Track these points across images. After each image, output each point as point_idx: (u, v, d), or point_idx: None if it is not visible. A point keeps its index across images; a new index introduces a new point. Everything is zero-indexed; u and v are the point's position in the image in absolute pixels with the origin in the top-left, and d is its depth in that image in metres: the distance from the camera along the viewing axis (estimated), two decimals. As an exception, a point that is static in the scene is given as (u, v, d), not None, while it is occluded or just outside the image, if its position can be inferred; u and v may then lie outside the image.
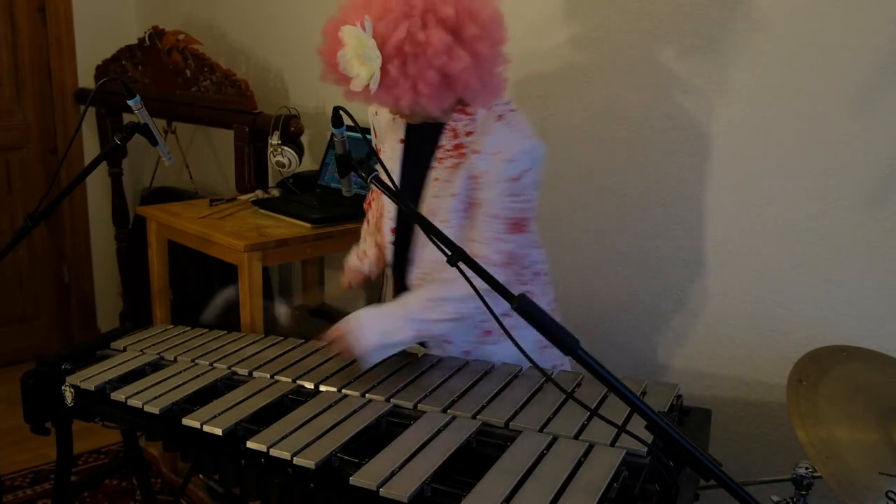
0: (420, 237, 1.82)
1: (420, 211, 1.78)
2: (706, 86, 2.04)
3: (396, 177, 1.85)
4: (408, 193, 1.83)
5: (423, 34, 1.57)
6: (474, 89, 1.66)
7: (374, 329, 1.70)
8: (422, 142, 1.83)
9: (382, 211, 1.93)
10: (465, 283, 1.51)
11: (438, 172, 1.77)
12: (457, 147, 1.75)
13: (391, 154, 1.88)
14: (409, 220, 1.84)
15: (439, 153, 1.78)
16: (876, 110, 1.77)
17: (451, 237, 1.72)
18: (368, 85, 1.61)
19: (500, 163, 1.67)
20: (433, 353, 1.94)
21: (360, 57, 1.59)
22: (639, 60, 2.16)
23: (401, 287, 1.92)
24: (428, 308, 1.71)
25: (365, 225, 2.11)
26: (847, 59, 1.80)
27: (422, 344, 1.94)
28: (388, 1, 1.58)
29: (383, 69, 1.59)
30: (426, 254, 1.80)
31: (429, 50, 1.57)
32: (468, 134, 1.74)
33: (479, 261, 1.59)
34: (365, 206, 2.13)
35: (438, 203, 1.77)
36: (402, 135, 1.86)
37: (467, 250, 1.62)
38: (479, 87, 1.67)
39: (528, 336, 1.84)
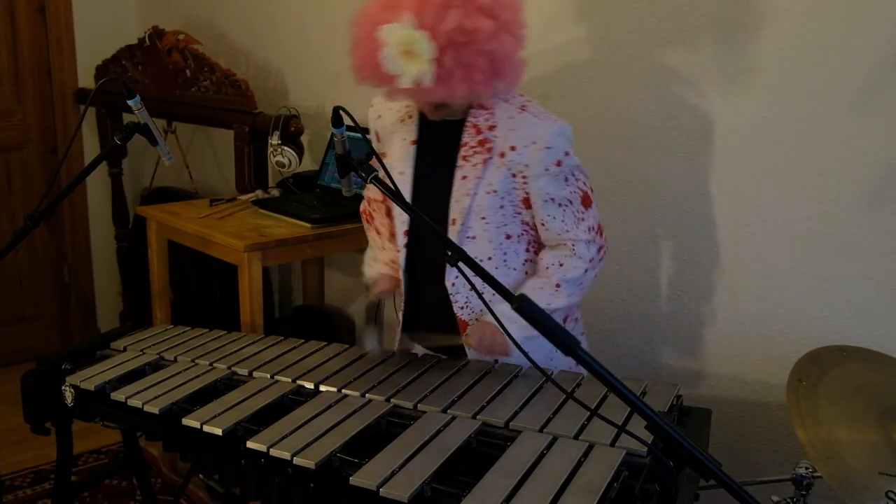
0: (465, 231, 1.79)
1: (452, 210, 1.78)
2: (706, 86, 2.04)
3: (409, 178, 1.83)
4: (425, 193, 1.82)
5: (470, 21, 1.57)
6: (513, 73, 1.68)
7: (514, 326, 1.69)
8: (438, 142, 1.81)
9: (394, 214, 1.91)
10: (577, 264, 1.77)
11: (466, 170, 1.76)
12: (482, 143, 1.75)
13: (401, 156, 1.85)
14: (426, 214, 1.81)
15: (463, 151, 1.77)
16: (876, 110, 1.77)
17: (492, 233, 1.77)
18: (418, 81, 1.59)
19: (538, 153, 1.71)
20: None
21: (408, 53, 1.57)
22: (639, 60, 2.16)
23: (420, 288, 1.90)
24: (555, 295, 1.77)
25: (375, 234, 2.07)
26: (847, 59, 1.80)
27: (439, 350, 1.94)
28: None
29: (438, 61, 1.57)
30: (477, 245, 1.79)
31: (479, 36, 1.58)
32: (491, 128, 1.75)
33: (578, 244, 1.75)
34: (362, 214, 2.10)
35: (474, 200, 1.76)
36: (413, 136, 1.84)
37: (560, 242, 1.77)
38: (515, 71, 1.69)
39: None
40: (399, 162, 1.84)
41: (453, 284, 1.83)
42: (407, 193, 1.82)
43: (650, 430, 1.18)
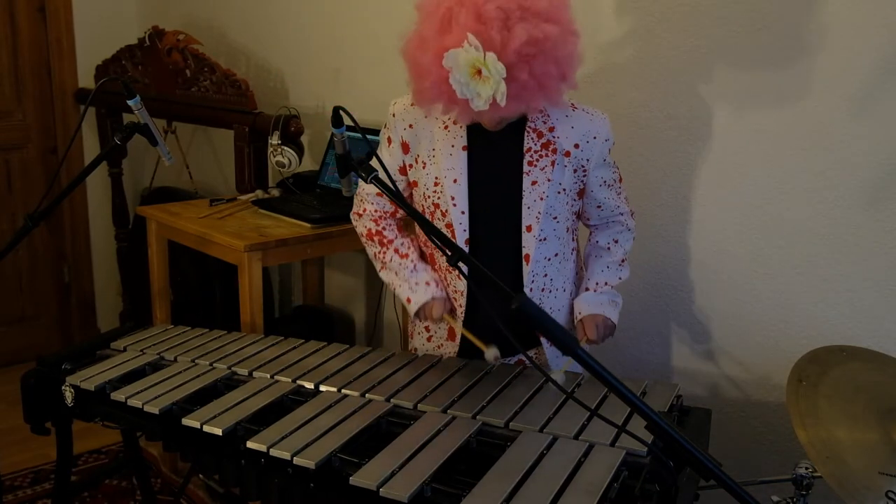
0: (539, 235, 1.79)
1: (526, 217, 1.78)
2: (706, 85, 2.04)
3: (464, 185, 1.79)
4: (492, 201, 1.80)
5: (538, 31, 1.54)
6: (574, 72, 1.66)
7: (610, 307, 1.89)
8: (493, 147, 1.79)
9: (446, 211, 1.82)
10: (628, 237, 1.95)
11: (534, 175, 1.77)
12: (545, 146, 1.77)
13: (453, 164, 1.79)
14: (487, 224, 1.81)
15: (528, 157, 1.77)
16: (876, 110, 1.77)
17: (560, 231, 1.83)
18: (493, 100, 1.56)
19: (600, 145, 1.81)
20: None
21: (478, 75, 1.55)
22: (639, 60, 2.16)
23: (474, 303, 1.86)
24: (622, 268, 1.94)
25: (398, 258, 1.91)
26: (847, 59, 1.80)
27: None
28: (477, 13, 1.54)
29: (511, 77, 1.55)
30: (534, 255, 1.80)
31: (548, 45, 1.56)
32: (551, 130, 1.78)
33: (626, 216, 1.93)
34: (380, 244, 1.94)
35: (548, 204, 1.78)
36: (464, 142, 1.79)
37: (613, 219, 1.93)
38: (575, 69, 1.67)
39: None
40: (451, 170, 1.79)
41: (531, 290, 1.83)
42: (464, 201, 1.79)
43: (650, 430, 1.18)
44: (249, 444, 1.53)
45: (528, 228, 1.79)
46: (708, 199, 2.09)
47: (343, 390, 1.74)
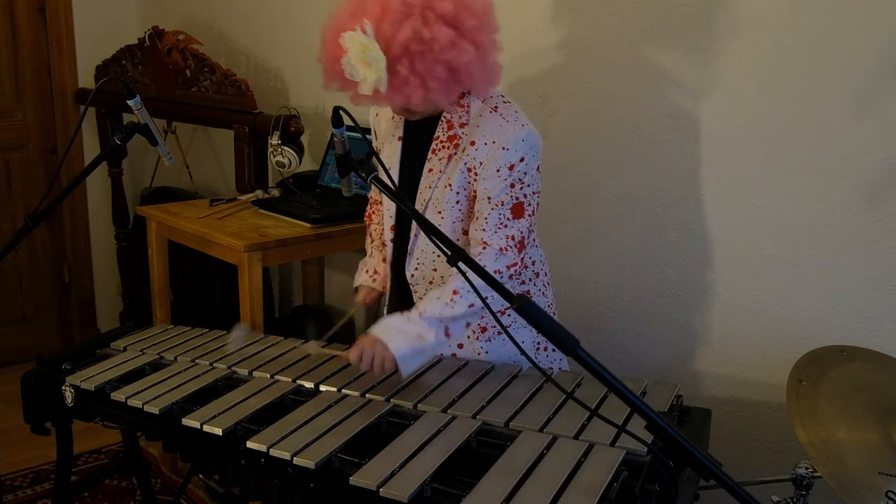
0: (418, 229, 1.83)
1: (416, 202, 1.81)
2: (706, 85, 2.04)
3: (395, 174, 1.86)
4: (406, 188, 1.84)
5: (427, 31, 1.58)
6: (478, 79, 1.68)
7: (399, 337, 1.66)
8: (419, 136, 1.84)
9: (383, 211, 1.93)
10: (474, 274, 1.54)
11: (433, 163, 1.79)
12: (451, 138, 1.77)
13: (390, 153, 1.89)
14: (407, 215, 1.84)
15: (434, 144, 1.79)
16: (876, 110, 1.77)
17: (447, 228, 1.77)
18: (376, 88, 1.60)
19: (495, 151, 1.70)
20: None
21: (366, 61, 1.59)
22: (639, 60, 2.16)
23: (399, 283, 1.92)
24: (446, 306, 1.68)
25: (369, 240, 2.11)
26: (847, 59, 1.80)
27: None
28: (385, 3, 1.59)
29: (392, 69, 1.59)
30: (421, 244, 1.83)
31: (435, 46, 1.58)
32: (462, 126, 1.76)
33: (488, 250, 1.68)
34: (366, 219, 2.13)
35: (433, 193, 1.79)
36: (400, 132, 1.88)
37: (475, 241, 1.71)
38: (481, 77, 1.69)
39: (526, 335, 1.85)
40: (388, 158, 1.88)
41: (412, 276, 1.86)
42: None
43: (650, 430, 1.18)
44: (249, 444, 1.53)
45: None
46: (708, 199, 2.09)
47: (343, 390, 1.74)
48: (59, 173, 3.83)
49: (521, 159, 1.70)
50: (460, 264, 1.34)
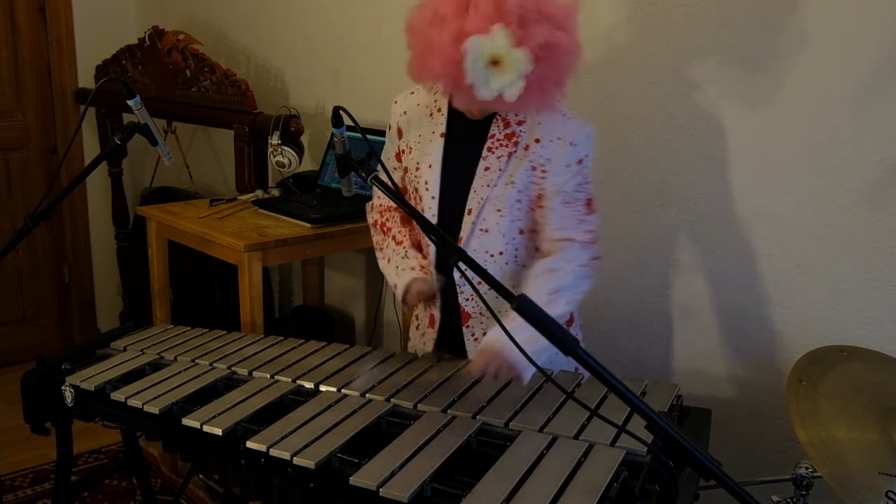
0: (479, 223, 1.78)
1: (470, 201, 1.77)
2: (706, 85, 2.04)
3: (437, 171, 1.81)
4: (452, 186, 1.81)
5: (554, 37, 1.56)
6: (568, 82, 1.67)
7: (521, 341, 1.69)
8: (466, 134, 1.81)
9: (422, 196, 1.85)
10: (572, 269, 1.69)
11: (489, 161, 1.77)
12: (509, 136, 1.76)
13: (431, 150, 1.83)
14: (452, 210, 1.80)
15: (489, 143, 1.77)
16: (876, 110, 1.77)
17: (505, 227, 1.77)
18: (501, 93, 1.57)
19: (563, 147, 1.73)
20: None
21: (496, 65, 1.55)
22: (639, 60, 2.16)
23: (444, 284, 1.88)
24: (550, 303, 1.67)
25: (395, 245, 1.94)
26: (847, 59, 1.80)
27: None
28: (498, 6, 1.54)
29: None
30: (473, 244, 1.79)
31: (559, 51, 1.57)
32: (519, 123, 1.76)
33: (573, 246, 1.72)
34: (378, 227, 2.00)
35: (493, 192, 1.76)
36: (442, 129, 1.83)
37: (554, 239, 1.73)
38: (569, 80, 1.68)
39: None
40: (429, 155, 1.83)
41: (461, 276, 1.82)
42: (435, 186, 1.81)
43: (650, 430, 1.18)
44: (249, 444, 1.53)
45: (469, 212, 1.78)
46: (708, 199, 2.08)
47: (343, 390, 1.74)
48: (59, 173, 3.82)
49: (586, 155, 1.75)
50: (463, 265, 1.34)
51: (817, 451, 1.41)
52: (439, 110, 1.84)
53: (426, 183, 1.82)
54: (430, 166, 1.82)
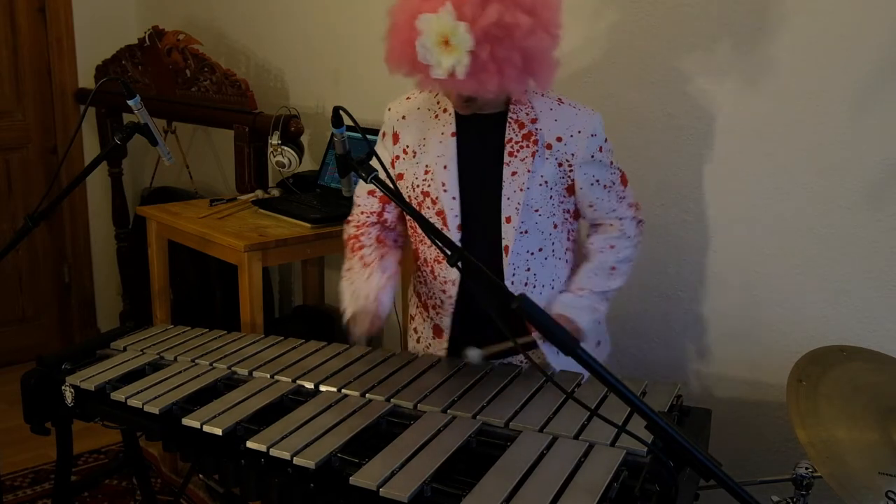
0: (520, 227, 1.78)
1: (506, 208, 1.77)
2: (706, 85, 2.04)
3: (454, 171, 1.80)
4: (477, 190, 1.80)
5: (510, 16, 1.56)
6: (545, 71, 1.68)
7: (580, 313, 1.81)
8: (479, 136, 1.80)
9: (437, 199, 1.83)
10: (627, 244, 1.86)
11: (514, 166, 1.77)
12: (526, 136, 1.77)
13: (442, 150, 1.81)
14: (474, 211, 1.80)
15: (509, 147, 1.77)
16: (876, 110, 1.77)
17: (542, 224, 1.79)
18: (452, 72, 1.58)
19: (584, 141, 1.77)
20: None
21: (445, 43, 1.56)
22: (639, 60, 2.16)
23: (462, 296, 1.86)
24: (611, 276, 1.85)
25: (359, 265, 1.90)
26: (847, 59, 1.80)
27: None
28: None
29: (472, 53, 1.56)
30: (516, 247, 1.79)
31: (516, 32, 1.57)
32: (533, 121, 1.77)
33: (625, 221, 1.87)
34: (350, 241, 1.95)
35: (528, 195, 1.77)
36: (452, 128, 1.82)
37: (605, 221, 1.87)
38: (548, 69, 1.68)
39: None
40: (442, 156, 1.81)
41: (512, 283, 1.82)
42: (455, 186, 1.80)
43: (650, 430, 1.18)
44: (249, 444, 1.53)
45: (508, 220, 1.78)
46: (708, 199, 2.09)
47: (343, 390, 1.74)
48: (59, 173, 3.83)
49: (605, 139, 1.82)
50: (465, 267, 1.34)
51: (817, 451, 1.41)
52: (445, 111, 1.83)
53: (443, 184, 1.80)
54: (444, 167, 1.80)
